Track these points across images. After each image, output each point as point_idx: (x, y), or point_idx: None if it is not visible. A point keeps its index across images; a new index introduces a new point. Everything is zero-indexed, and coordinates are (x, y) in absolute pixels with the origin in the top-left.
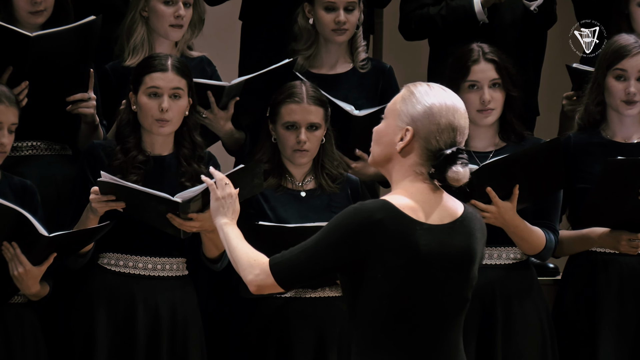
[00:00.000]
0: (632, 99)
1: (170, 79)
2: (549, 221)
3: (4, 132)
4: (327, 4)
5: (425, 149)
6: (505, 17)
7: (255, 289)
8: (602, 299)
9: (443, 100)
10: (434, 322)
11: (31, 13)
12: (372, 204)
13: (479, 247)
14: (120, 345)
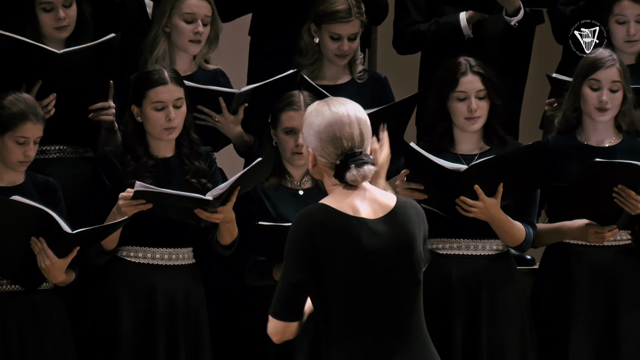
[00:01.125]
0: (604, 107)
1: (172, 91)
2: (529, 216)
3: (30, 146)
4: (333, 35)
5: (327, 163)
6: (488, 32)
7: (277, 340)
8: (574, 287)
9: (323, 118)
10: (388, 308)
11: (56, 29)
12: (311, 209)
13: (417, 230)
14: (143, 328)
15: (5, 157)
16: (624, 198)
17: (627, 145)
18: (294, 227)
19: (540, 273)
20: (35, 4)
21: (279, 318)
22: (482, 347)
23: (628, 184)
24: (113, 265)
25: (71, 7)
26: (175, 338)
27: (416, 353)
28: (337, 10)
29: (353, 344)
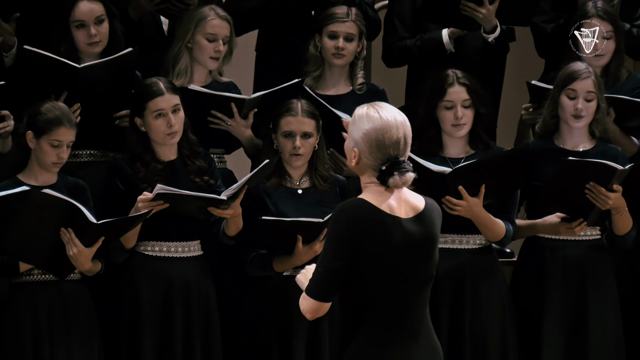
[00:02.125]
0: (579, 114)
1: (169, 99)
2: (509, 214)
3: (63, 149)
4: (330, 33)
5: (371, 164)
6: (468, 47)
7: (310, 317)
8: (548, 277)
9: (374, 123)
10: (407, 298)
11: (88, 44)
12: (353, 203)
13: (437, 232)
14: (162, 311)
15: (41, 158)
16: (595, 194)
17: (600, 150)
18: (336, 218)
19: (518, 265)
20: (69, 22)
21: (315, 298)
22: (466, 332)
23: (598, 182)
24: (133, 259)
25: (102, 24)
26: (190, 320)
27: (422, 338)
28: (335, 12)
29: (376, 328)
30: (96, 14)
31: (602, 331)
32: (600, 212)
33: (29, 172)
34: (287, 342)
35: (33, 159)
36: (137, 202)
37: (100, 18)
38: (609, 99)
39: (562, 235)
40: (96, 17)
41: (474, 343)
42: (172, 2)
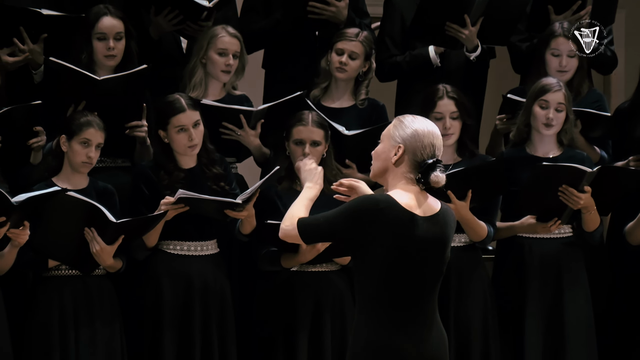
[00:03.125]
0: (550, 123)
1: (190, 116)
2: (490, 217)
3: (92, 149)
4: (338, 49)
5: (413, 161)
6: (452, 64)
7: (282, 235)
8: (527, 271)
9: (424, 126)
10: (417, 288)
11: (105, 57)
12: (378, 197)
13: (451, 233)
14: (183, 303)
15: (72, 159)
16: (567, 196)
17: (568, 156)
18: (361, 200)
19: (497, 261)
20: (92, 33)
21: (300, 232)
22: (451, 321)
23: (570, 184)
24: (156, 256)
25: (121, 40)
26: (207, 312)
27: (433, 327)
28: (346, 32)
29: (382, 313)
30: (116, 30)
31: (577, 319)
32: (572, 211)
33: (62, 176)
34: (292, 330)
35: (66, 163)
36: (161, 205)
37: (120, 35)
38: (575, 111)
39: (539, 234)
40: (116, 32)
41: (458, 332)
42: (188, 23)
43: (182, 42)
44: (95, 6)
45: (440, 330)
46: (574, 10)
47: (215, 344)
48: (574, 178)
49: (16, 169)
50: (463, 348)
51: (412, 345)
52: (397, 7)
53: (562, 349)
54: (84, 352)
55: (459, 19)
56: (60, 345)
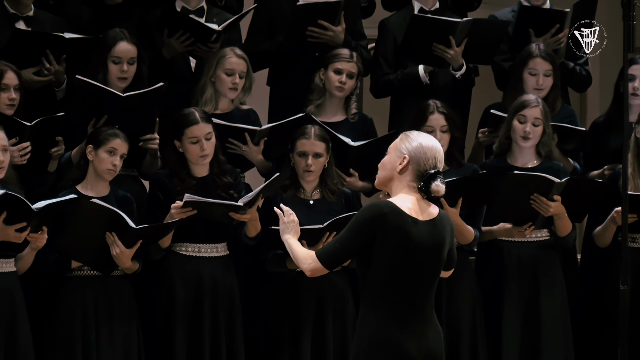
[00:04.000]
0: (527, 136)
1: (203, 128)
2: (476, 222)
3: (117, 157)
4: (336, 69)
5: (417, 171)
6: (440, 82)
7: (310, 274)
8: (506, 272)
9: (428, 141)
10: (417, 287)
11: (118, 78)
12: (381, 203)
13: (447, 237)
14: (193, 301)
15: (97, 167)
16: (538, 203)
17: (545, 166)
18: (365, 210)
19: (479, 263)
20: (108, 55)
21: (323, 264)
22: (443, 316)
23: (540, 193)
24: (169, 257)
25: (133, 64)
26: (216, 308)
27: (431, 323)
28: (341, 53)
29: (385, 310)
30: (130, 55)
31: (552, 317)
32: (545, 217)
33: (85, 184)
34: (297, 326)
35: (90, 172)
36: (171, 209)
37: (133, 59)
38: (552, 125)
39: (515, 238)
40: (130, 57)
41: (450, 325)
42: (198, 45)
43: (191, 62)
44: (112, 30)
45: (437, 325)
46: (552, 33)
47: (224, 340)
48: (544, 187)
49: (34, 176)
50: (453, 342)
51: (413, 339)
52: (390, 30)
53: (539, 346)
54: (104, 346)
55: (445, 40)
56: (82, 340)
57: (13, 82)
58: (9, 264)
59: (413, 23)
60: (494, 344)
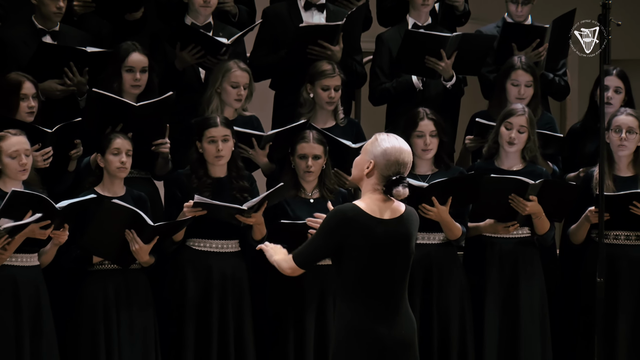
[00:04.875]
0: (512, 142)
1: (221, 130)
2: (463, 219)
3: (123, 155)
4: (324, 86)
5: (381, 175)
6: (432, 91)
7: (290, 272)
8: (489, 266)
9: (393, 145)
10: (388, 280)
11: (132, 86)
12: (345, 207)
13: (414, 231)
14: (203, 293)
15: (108, 168)
16: (515, 203)
17: (528, 170)
18: (331, 216)
19: (465, 257)
20: (122, 66)
21: (298, 264)
22: (434, 305)
23: (517, 193)
24: (183, 251)
25: (145, 73)
26: (225, 300)
27: (402, 315)
28: (325, 69)
29: (359, 303)
30: (142, 64)
31: (530, 307)
32: (524, 216)
33: (102, 186)
34: (301, 314)
35: (105, 175)
36: (184, 207)
37: (145, 68)
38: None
39: (500, 234)
40: (142, 66)
41: (440, 314)
42: (208, 57)
43: (201, 74)
44: (125, 42)
45: (409, 315)
46: (533, 47)
47: (232, 331)
48: (519, 188)
49: (55, 177)
50: (444, 331)
51: (385, 328)
52: (385, 43)
53: (517, 333)
54: (125, 333)
55: (437, 53)
56: (105, 328)
57: (31, 91)
58: (33, 259)
59: (407, 38)
60: (476, 330)
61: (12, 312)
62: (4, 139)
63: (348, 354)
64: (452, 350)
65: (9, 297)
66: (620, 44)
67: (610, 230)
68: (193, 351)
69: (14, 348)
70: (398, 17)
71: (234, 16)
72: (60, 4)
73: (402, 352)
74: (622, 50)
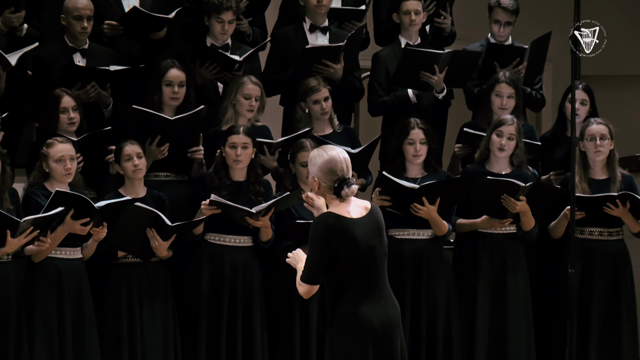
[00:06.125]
0: (503, 148)
1: (241, 138)
2: (449, 217)
3: (134, 160)
4: (314, 101)
5: (328, 186)
6: (424, 102)
7: (306, 297)
8: (479, 258)
9: (323, 159)
10: (369, 270)
11: (171, 98)
12: (325, 216)
13: (382, 221)
14: (215, 285)
15: (126, 174)
16: (506, 202)
17: (515, 173)
18: (315, 227)
19: (456, 250)
20: (162, 80)
21: (308, 283)
22: (422, 295)
23: (509, 194)
24: (201, 245)
25: (183, 87)
26: (235, 287)
27: (386, 299)
28: (312, 86)
29: (350, 297)
30: (180, 79)
31: (517, 295)
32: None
33: (125, 189)
34: (305, 304)
35: (126, 179)
36: (201, 205)
37: (182, 83)
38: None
39: (496, 228)
40: (180, 81)
41: (428, 303)
42: (224, 73)
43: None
44: (165, 60)
45: (392, 298)
46: (514, 65)
47: (240, 313)
48: (510, 189)
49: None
50: (431, 319)
51: (374, 311)
52: (382, 61)
53: (505, 316)
54: (147, 320)
55: (430, 68)
56: (128, 314)
57: (70, 104)
58: (76, 252)
59: (405, 54)
60: (468, 315)
61: (55, 300)
62: (51, 146)
63: (342, 337)
64: (439, 336)
65: (53, 286)
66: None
67: (585, 226)
68: (206, 336)
69: (56, 333)
70: (393, 37)
71: (249, 36)
72: (85, 24)
73: (389, 331)
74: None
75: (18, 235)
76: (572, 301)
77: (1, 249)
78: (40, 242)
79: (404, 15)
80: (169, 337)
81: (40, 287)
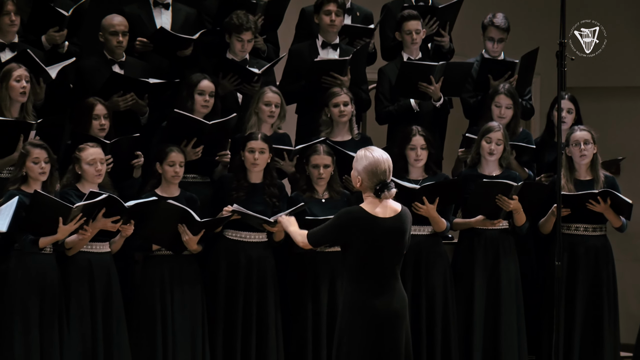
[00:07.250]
0: (492, 152)
1: (259, 144)
2: (447, 215)
3: (176, 167)
4: (334, 104)
5: (369, 186)
6: (424, 110)
7: (302, 245)
8: (476, 253)
9: (369, 160)
10: (383, 266)
11: (202, 106)
12: (352, 208)
13: (408, 226)
14: (231, 276)
15: (165, 177)
16: (501, 201)
17: (505, 175)
18: (343, 213)
19: (458, 244)
20: (195, 90)
21: (310, 242)
22: (422, 286)
23: (502, 193)
24: (220, 240)
25: (212, 97)
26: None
27: (396, 291)
28: (334, 91)
29: (360, 283)
30: (210, 89)
31: (509, 282)
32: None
33: (161, 188)
34: (316, 289)
35: (163, 179)
36: (223, 210)
37: (212, 93)
38: (512, 145)
39: (489, 226)
40: (211, 91)
41: (428, 293)
42: (244, 85)
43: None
44: (195, 73)
45: (402, 292)
46: (506, 78)
47: (255, 301)
48: (504, 189)
49: (123, 181)
50: (430, 306)
51: (381, 303)
52: (386, 74)
53: (499, 304)
54: (178, 308)
55: (427, 79)
56: (160, 302)
57: (102, 112)
58: (105, 247)
59: (403, 68)
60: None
61: (87, 290)
62: (83, 150)
63: (351, 325)
64: (437, 320)
65: (85, 277)
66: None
67: (571, 223)
68: (223, 321)
69: (89, 320)
70: (397, 53)
71: (264, 52)
72: (120, 38)
73: (394, 322)
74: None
75: (69, 221)
76: (559, 291)
77: (54, 236)
78: (84, 230)
79: (406, 34)
80: (197, 326)
81: (75, 278)
